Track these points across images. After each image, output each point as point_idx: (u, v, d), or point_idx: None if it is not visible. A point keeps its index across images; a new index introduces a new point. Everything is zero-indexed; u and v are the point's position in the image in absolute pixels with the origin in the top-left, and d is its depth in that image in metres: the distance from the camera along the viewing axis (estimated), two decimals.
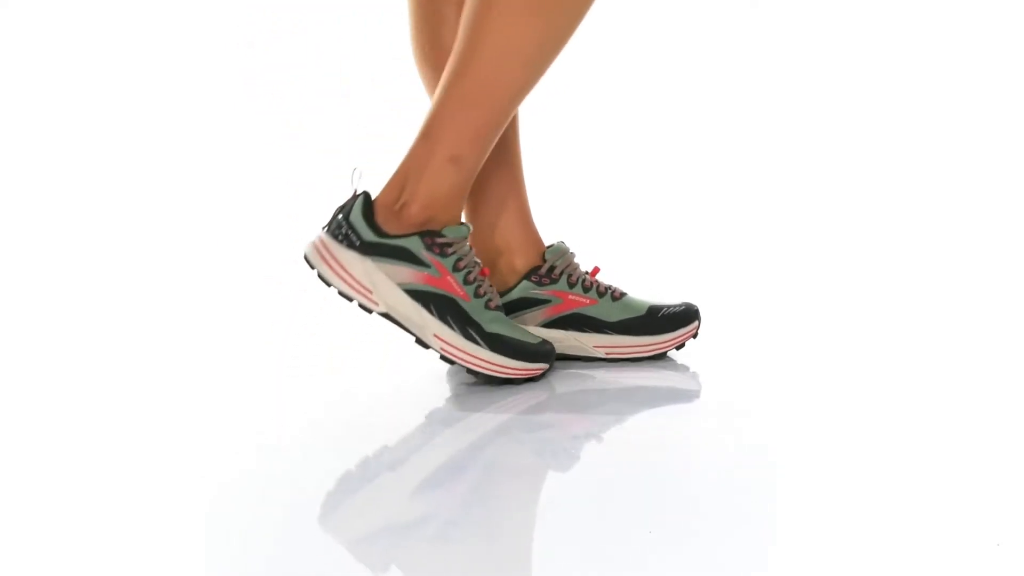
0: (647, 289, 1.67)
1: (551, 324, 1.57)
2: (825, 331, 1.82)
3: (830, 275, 2.24)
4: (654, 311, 1.59)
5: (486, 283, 1.46)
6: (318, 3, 2.94)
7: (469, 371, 1.43)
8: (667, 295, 1.65)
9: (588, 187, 2.83)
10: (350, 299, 1.41)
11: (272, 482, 1.17)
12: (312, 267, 1.42)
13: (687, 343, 1.60)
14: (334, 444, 1.29)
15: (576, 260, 1.61)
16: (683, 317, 1.59)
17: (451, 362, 1.42)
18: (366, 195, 1.42)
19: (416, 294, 1.40)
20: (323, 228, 1.44)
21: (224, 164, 2.87)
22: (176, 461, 1.23)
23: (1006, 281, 2.15)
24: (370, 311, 1.41)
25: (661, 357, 1.60)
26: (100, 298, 2.09)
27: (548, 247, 1.59)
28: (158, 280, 2.23)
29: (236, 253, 2.49)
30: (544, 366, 1.46)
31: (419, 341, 1.42)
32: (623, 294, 1.59)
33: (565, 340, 1.57)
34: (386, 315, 1.41)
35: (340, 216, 1.42)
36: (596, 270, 1.61)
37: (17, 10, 2.92)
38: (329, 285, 1.41)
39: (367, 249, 1.40)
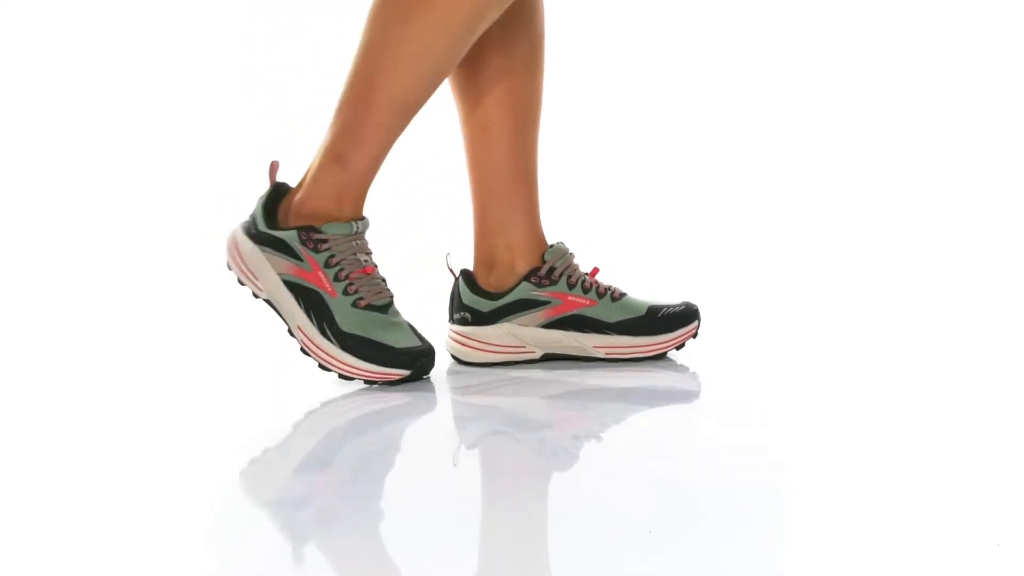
0: (647, 289, 1.67)
1: (551, 325, 1.57)
2: (825, 331, 1.82)
3: (830, 275, 2.24)
4: (654, 311, 1.59)
5: (363, 281, 1.46)
6: (318, 3, 2.93)
7: (320, 366, 1.45)
8: (667, 295, 1.65)
9: (588, 187, 2.83)
10: (242, 283, 1.49)
11: (272, 482, 1.17)
12: (227, 259, 1.50)
13: (687, 343, 1.61)
14: (334, 444, 1.29)
15: (576, 261, 1.61)
16: (683, 317, 1.59)
17: (307, 355, 1.45)
18: (274, 187, 1.49)
19: (290, 285, 1.45)
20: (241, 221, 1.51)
21: (224, 164, 2.87)
22: (176, 461, 1.23)
23: (1006, 281, 2.15)
24: (257, 296, 1.48)
25: (661, 357, 1.60)
26: (99, 298, 2.09)
27: (547, 248, 1.59)
28: (158, 280, 2.23)
29: None
30: (401, 372, 1.45)
31: (289, 331, 1.47)
32: (623, 294, 1.59)
33: (565, 340, 1.57)
34: (268, 302, 1.48)
35: (254, 207, 1.49)
36: (596, 270, 1.61)
37: (17, 10, 2.91)
38: (230, 269, 1.49)
39: (258, 238, 1.47)
